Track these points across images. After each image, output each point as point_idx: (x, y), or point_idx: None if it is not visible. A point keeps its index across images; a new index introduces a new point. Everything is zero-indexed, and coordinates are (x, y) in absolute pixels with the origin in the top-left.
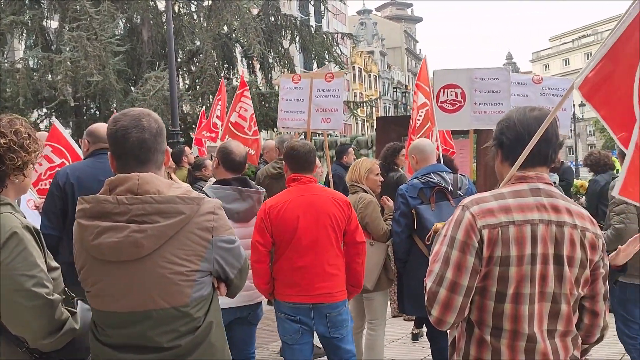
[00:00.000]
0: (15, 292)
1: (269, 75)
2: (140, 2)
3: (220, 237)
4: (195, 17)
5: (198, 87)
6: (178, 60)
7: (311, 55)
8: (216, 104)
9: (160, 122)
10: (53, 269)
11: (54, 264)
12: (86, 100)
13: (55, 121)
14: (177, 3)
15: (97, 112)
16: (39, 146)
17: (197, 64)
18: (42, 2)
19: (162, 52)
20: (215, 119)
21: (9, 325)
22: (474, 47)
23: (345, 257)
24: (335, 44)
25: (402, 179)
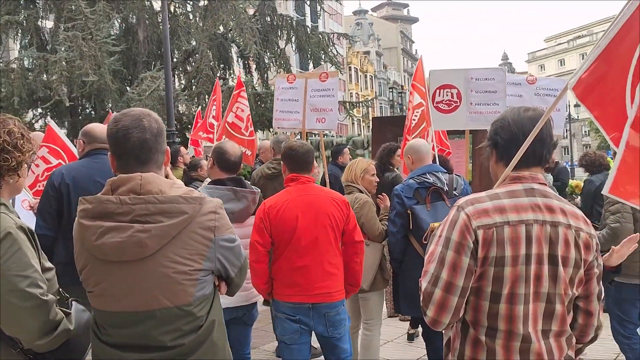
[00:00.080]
0: (9, 293)
1: (265, 75)
2: (135, 2)
3: (222, 236)
4: (191, 17)
5: (194, 87)
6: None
7: (307, 56)
8: (212, 105)
9: (161, 122)
10: (47, 270)
11: (48, 264)
12: (81, 101)
13: (50, 122)
14: (173, 3)
15: (92, 112)
16: (32, 146)
17: (193, 64)
18: (37, 2)
19: (158, 52)
20: (211, 119)
21: (3, 326)
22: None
23: (343, 257)
24: (331, 44)
25: (397, 179)
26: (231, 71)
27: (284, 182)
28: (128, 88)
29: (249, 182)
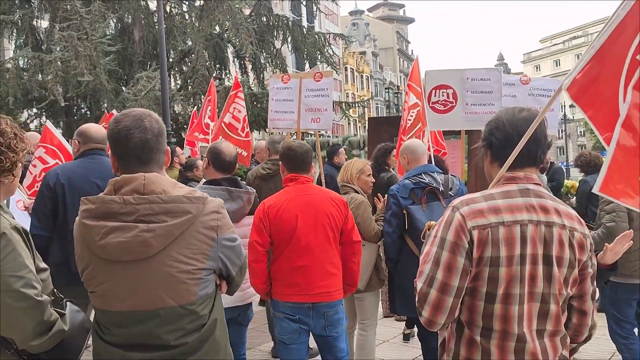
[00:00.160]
0: (3, 293)
1: (261, 75)
2: (131, 1)
3: (224, 236)
4: (187, 17)
5: (190, 87)
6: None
7: (303, 56)
8: (207, 105)
9: (161, 123)
10: (42, 270)
11: (43, 265)
12: (77, 100)
13: (48, 123)
14: (169, 3)
15: (87, 112)
16: (26, 145)
17: (188, 64)
18: (33, 1)
19: (154, 52)
20: (207, 120)
21: None
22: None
23: (341, 256)
24: (328, 44)
25: (393, 179)
26: (227, 71)
27: (283, 182)
28: (124, 88)
29: (244, 183)
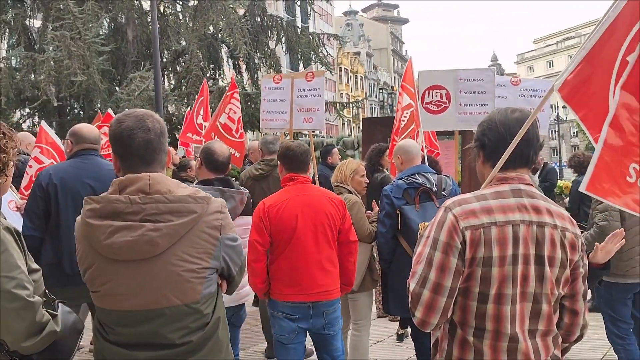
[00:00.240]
0: None
1: (255, 75)
2: (125, 1)
3: (227, 235)
4: (181, 17)
5: (183, 87)
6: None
7: (297, 56)
8: (200, 106)
9: (163, 123)
10: (34, 271)
11: (35, 266)
12: (70, 100)
13: (42, 123)
14: (163, 3)
15: (80, 112)
16: (16, 143)
17: (182, 64)
18: (25, 1)
19: (147, 52)
20: (200, 120)
21: None
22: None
23: (337, 256)
24: (322, 44)
25: (386, 179)
26: (221, 71)
27: (281, 181)
28: (117, 88)
29: (237, 183)
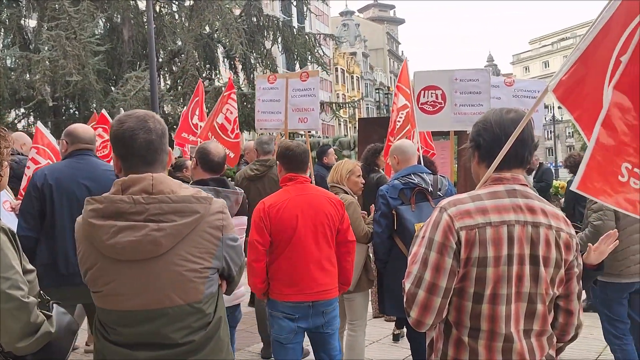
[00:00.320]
0: None
1: (251, 75)
2: (120, 1)
3: (229, 235)
4: (177, 17)
5: (179, 87)
6: (159, 60)
7: (293, 56)
8: (195, 106)
9: (163, 124)
10: (28, 272)
11: (30, 266)
12: (65, 100)
13: (38, 123)
14: (159, 3)
15: (76, 112)
16: (9, 143)
17: (178, 64)
18: (20, 0)
19: (143, 52)
20: (195, 120)
21: None
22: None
23: (335, 255)
24: (318, 45)
25: (382, 180)
26: (217, 71)
27: (280, 181)
28: (113, 88)
29: (232, 183)
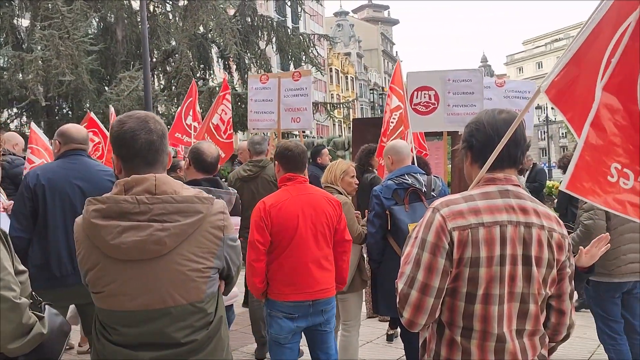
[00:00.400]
0: None
1: (246, 76)
2: (114, 1)
3: (229, 236)
4: (171, 17)
5: (173, 87)
6: (153, 60)
7: (288, 57)
8: (189, 106)
9: (163, 124)
10: (20, 273)
11: (22, 267)
12: (58, 100)
13: (32, 124)
14: (152, 2)
15: (69, 112)
16: (1, 143)
17: (172, 64)
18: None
19: (137, 51)
20: (189, 121)
21: None
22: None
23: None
24: (312, 45)
25: (376, 180)
26: (211, 71)
27: (279, 181)
28: (106, 88)
29: (226, 184)
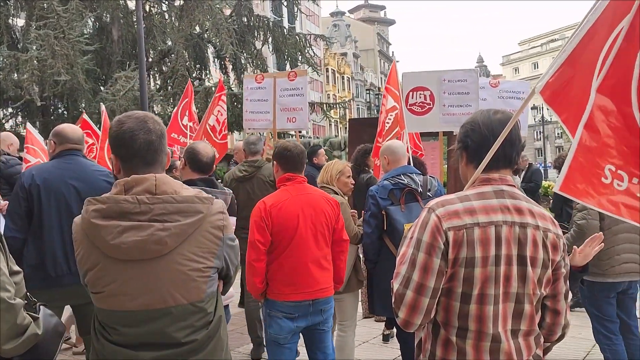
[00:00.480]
0: None
1: (242, 76)
2: (109, 0)
3: (228, 235)
4: (167, 17)
5: (169, 87)
6: (149, 60)
7: (284, 57)
8: (185, 107)
9: (162, 124)
10: (15, 273)
11: (16, 267)
12: (54, 100)
13: (28, 125)
14: (148, 2)
15: (64, 112)
16: None
17: (168, 64)
18: None
19: (133, 51)
20: (186, 121)
21: None
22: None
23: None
24: (308, 45)
25: (372, 180)
26: (207, 71)
27: (278, 181)
28: (102, 88)
29: (221, 184)
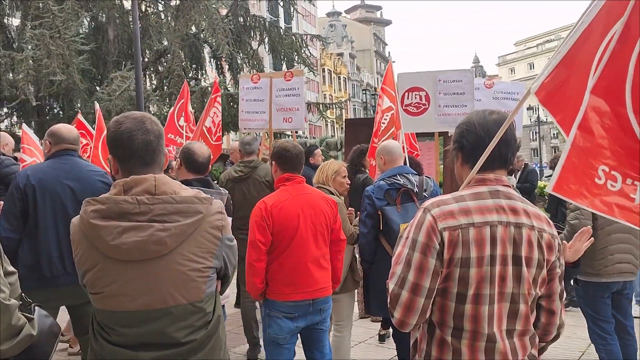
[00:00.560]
0: None
1: (238, 76)
2: (105, 0)
3: (227, 236)
4: (163, 17)
5: (165, 87)
6: (145, 60)
7: (280, 57)
8: (182, 108)
9: (160, 125)
10: (9, 274)
11: (11, 268)
12: (49, 100)
13: (24, 125)
14: (144, 2)
15: (60, 112)
16: None
17: (164, 64)
18: None
19: (129, 51)
20: (182, 122)
21: None
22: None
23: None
24: (305, 45)
25: (368, 180)
26: (203, 72)
27: (276, 181)
28: (98, 88)
29: (217, 184)
